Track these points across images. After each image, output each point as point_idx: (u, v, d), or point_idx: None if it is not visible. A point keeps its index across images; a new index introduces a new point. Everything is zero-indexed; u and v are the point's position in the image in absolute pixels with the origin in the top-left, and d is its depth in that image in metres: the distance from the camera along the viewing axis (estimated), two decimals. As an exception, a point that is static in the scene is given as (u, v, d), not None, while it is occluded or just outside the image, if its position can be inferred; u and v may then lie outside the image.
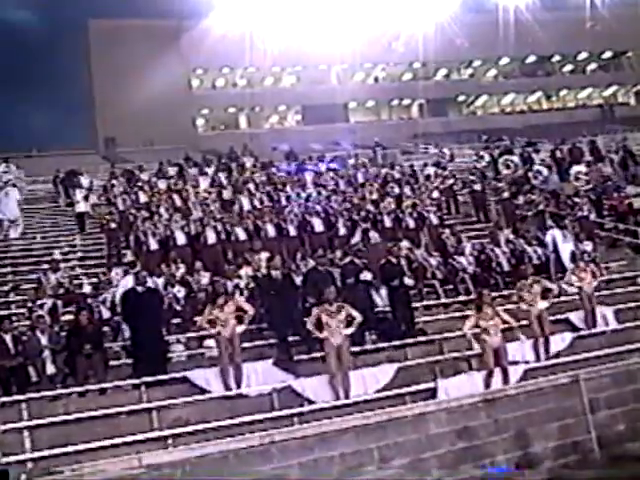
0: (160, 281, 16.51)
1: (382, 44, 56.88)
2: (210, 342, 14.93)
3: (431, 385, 13.86)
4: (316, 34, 53.24)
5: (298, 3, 52.16)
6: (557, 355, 15.27)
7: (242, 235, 19.97)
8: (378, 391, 13.86)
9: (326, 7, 53.31)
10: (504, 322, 14.22)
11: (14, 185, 25.61)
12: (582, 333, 16.25)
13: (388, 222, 21.08)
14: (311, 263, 17.15)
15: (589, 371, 12.77)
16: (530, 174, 26.34)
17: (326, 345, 13.63)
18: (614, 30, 56.93)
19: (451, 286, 18.82)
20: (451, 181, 26.38)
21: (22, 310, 16.81)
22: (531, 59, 66.71)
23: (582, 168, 25.66)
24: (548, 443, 11.95)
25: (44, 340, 14.04)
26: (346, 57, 56.54)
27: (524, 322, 15.52)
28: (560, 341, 15.63)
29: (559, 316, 16.73)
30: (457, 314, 17.12)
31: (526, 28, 56.84)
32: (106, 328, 15.34)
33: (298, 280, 16.17)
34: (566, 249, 19.55)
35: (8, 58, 59.66)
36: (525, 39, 57.81)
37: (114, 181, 26.24)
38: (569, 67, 68.74)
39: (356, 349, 14.80)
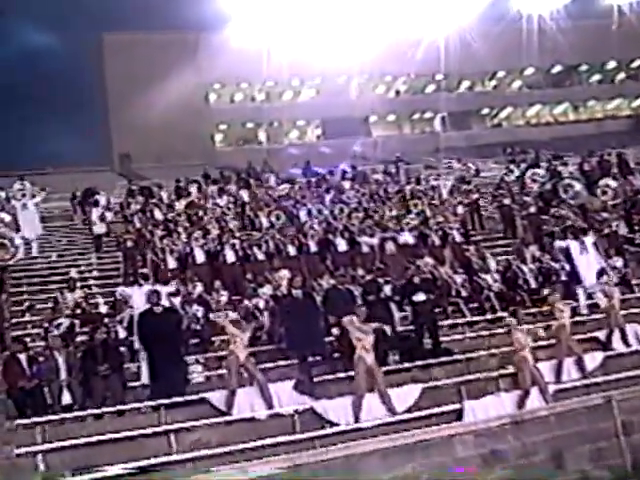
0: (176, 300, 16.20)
1: (403, 55, 56.27)
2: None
3: (457, 406, 13.55)
4: (335, 46, 52.87)
5: (316, 15, 51.90)
6: (588, 375, 14.88)
7: (261, 253, 19.79)
8: (403, 412, 13.48)
9: (344, 18, 53.09)
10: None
11: (33, 195, 25.47)
12: (614, 352, 15.83)
13: (411, 239, 20.77)
14: (331, 281, 16.89)
15: (622, 392, 12.28)
16: (560, 188, 25.83)
17: (358, 365, 13.37)
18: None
19: (476, 304, 18.42)
20: (475, 196, 26.01)
21: (38, 330, 16.64)
22: (557, 69, 65.85)
23: (611, 181, 25.12)
24: (580, 467, 11.47)
25: (61, 360, 13.74)
26: (366, 68, 56.40)
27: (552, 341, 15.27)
28: (591, 360, 15.20)
29: (583, 335, 16.30)
30: (483, 333, 16.78)
31: (551, 37, 56.00)
32: (123, 348, 15.05)
33: (319, 299, 15.94)
34: (583, 261, 18.80)
35: (22, 75, 60.18)
36: (550, 48, 56.99)
37: (130, 199, 26.09)
38: (597, 77, 67.80)
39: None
